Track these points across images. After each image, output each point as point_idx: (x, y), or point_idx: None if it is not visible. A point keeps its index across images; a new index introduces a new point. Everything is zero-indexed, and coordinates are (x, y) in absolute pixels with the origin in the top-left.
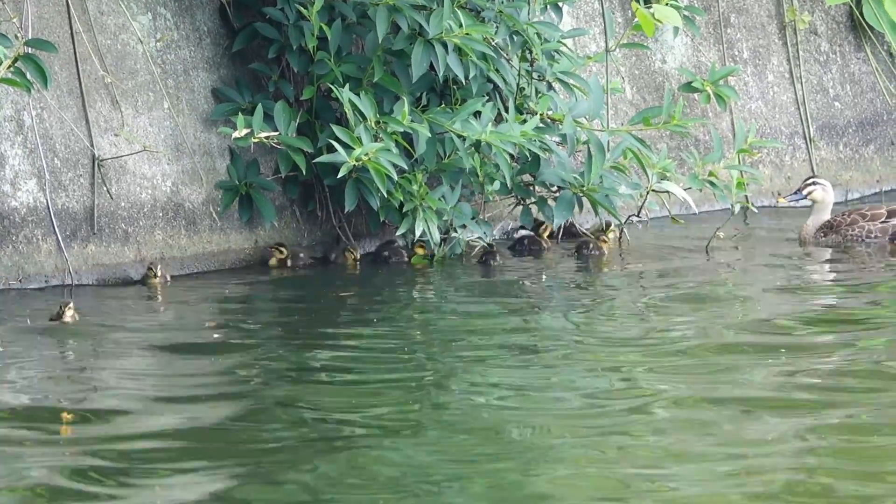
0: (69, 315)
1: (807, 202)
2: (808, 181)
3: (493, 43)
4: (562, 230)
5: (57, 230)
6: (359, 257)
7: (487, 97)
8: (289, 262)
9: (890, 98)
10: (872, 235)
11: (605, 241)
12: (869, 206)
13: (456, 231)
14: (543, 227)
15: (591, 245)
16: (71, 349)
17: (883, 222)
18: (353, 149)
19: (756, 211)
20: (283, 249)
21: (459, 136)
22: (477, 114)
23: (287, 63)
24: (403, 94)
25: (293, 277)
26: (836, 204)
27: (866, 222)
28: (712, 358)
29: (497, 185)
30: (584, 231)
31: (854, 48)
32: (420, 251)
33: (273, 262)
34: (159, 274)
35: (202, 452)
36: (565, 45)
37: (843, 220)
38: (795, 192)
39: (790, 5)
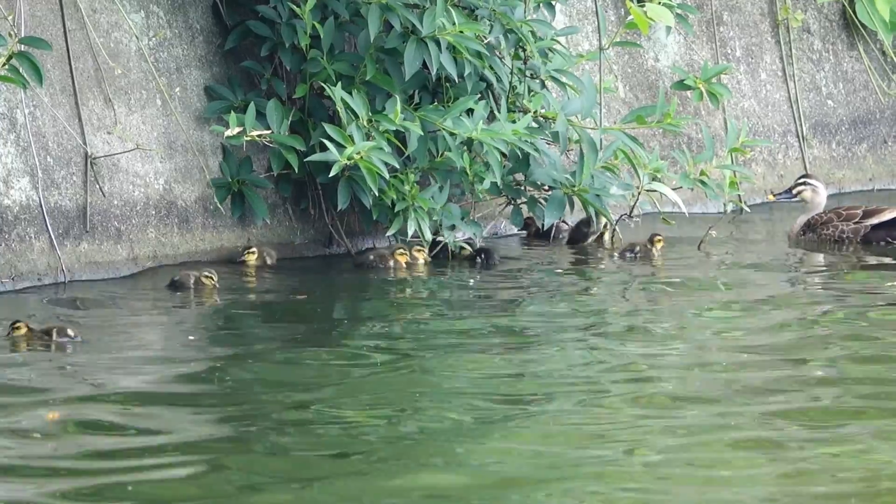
0: (62, 340)
1: (798, 200)
2: (800, 180)
3: (485, 41)
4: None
5: (50, 228)
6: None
7: (480, 95)
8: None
9: (883, 96)
10: (845, 236)
11: (659, 241)
12: (848, 205)
13: (444, 232)
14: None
15: (638, 248)
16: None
17: (856, 223)
18: (346, 147)
19: (749, 210)
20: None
21: (451, 134)
22: (470, 112)
23: (280, 61)
24: (396, 93)
25: (290, 276)
26: (831, 200)
27: (840, 222)
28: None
29: (487, 184)
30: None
31: (847, 46)
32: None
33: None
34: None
35: (179, 454)
36: (559, 42)
37: (818, 218)
38: (787, 191)
39: (783, 3)
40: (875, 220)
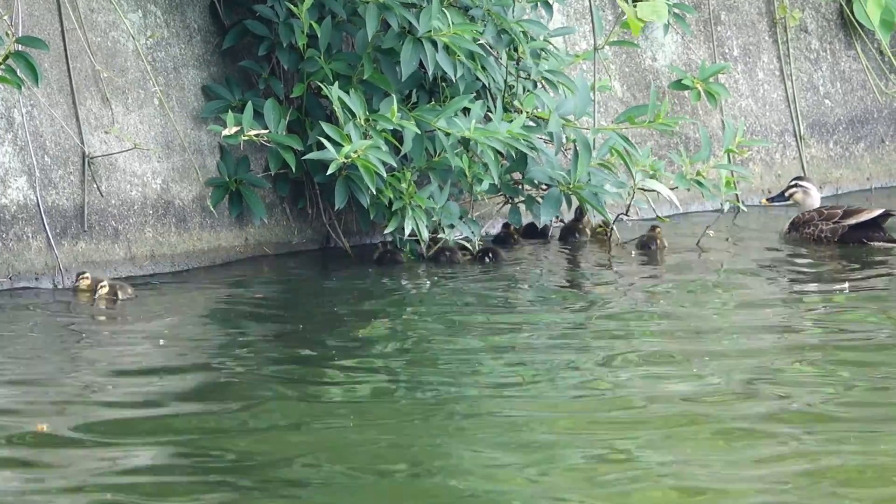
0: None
1: (791, 203)
2: (792, 182)
3: (482, 41)
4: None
5: (47, 228)
6: None
7: (476, 95)
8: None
9: (880, 95)
10: (823, 235)
11: (659, 231)
12: (831, 205)
13: (444, 230)
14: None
15: (646, 238)
16: (35, 348)
17: (835, 223)
18: (343, 146)
19: (745, 210)
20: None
21: (445, 134)
22: (466, 111)
23: (277, 60)
24: (393, 92)
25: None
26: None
27: (820, 221)
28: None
29: (486, 185)
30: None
31: (844, 46)
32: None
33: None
34: None
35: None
36: (551, 44)
37: (801, 218)
38: (780, 195)
39: (780, 2)
40: (853, 221)
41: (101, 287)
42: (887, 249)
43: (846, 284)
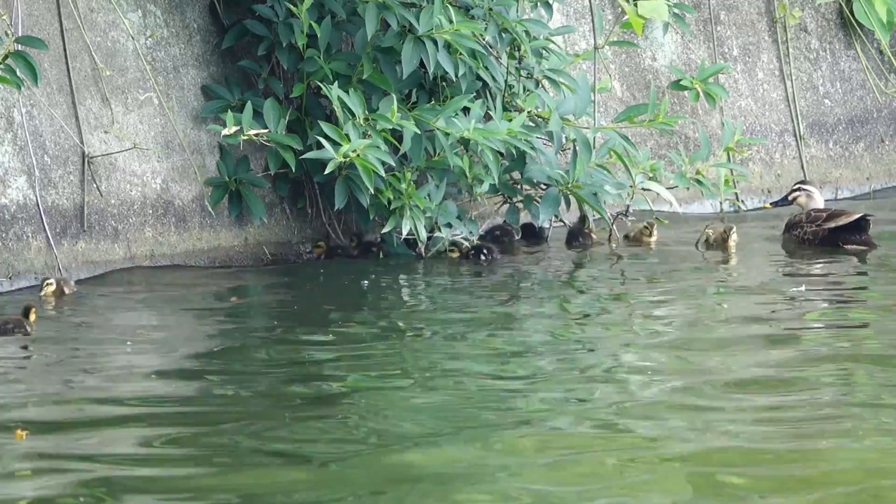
0: None
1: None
2: (795, 186)
3: (482, 40)
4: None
5: (47, 227)
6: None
7: (476, 95)
8: None
9: (880, 95)
10: (807, 237)
11: (732, 232)
12: (819, 208)
13: (440, 230)
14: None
15: (711, 235)
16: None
17: (818, 226)
18: (342, 146)
19: (745, 208)
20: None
21: (444, 134)
22: (466, 111)
23: (277, 60)
24: (392, 92)
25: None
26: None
27: (806, 224)
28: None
29: (486, 187)
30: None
31: (844, 45)
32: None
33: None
34: None
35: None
36: (553, 42)
37: (792, 219)
38: (783, 199)
39: (780, 2)
40: (832, 224)
41: (48, 284)
42: (864, 251)
43: (803, 287)
